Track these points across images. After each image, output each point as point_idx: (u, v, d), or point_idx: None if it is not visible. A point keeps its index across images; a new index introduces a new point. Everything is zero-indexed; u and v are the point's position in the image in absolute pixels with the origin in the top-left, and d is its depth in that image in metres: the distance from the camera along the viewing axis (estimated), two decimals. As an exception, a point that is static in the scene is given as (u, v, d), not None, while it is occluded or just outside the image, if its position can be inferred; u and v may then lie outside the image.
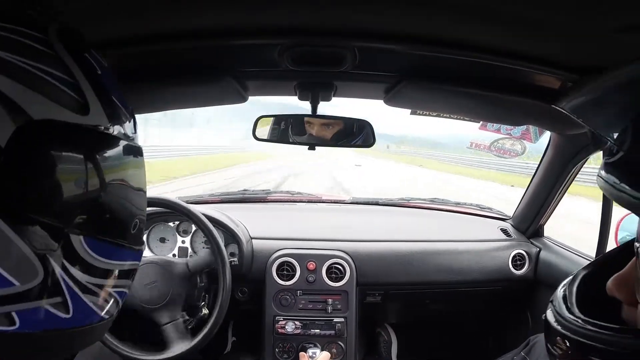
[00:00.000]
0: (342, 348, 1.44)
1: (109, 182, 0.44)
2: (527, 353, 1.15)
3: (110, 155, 0.44)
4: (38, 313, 0.40)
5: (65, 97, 0.41)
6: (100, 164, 0.43)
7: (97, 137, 0.44)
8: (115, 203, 0.45)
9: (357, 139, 1.11)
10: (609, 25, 0.59)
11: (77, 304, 0.42)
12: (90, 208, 0.42)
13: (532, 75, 0.85)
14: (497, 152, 1.95)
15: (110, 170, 0.44)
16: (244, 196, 1.96)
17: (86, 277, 0.42)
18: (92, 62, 0.45)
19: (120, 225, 0.46)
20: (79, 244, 0.41)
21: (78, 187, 0.41)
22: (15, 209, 0.37)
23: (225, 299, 1.23)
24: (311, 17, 0.71)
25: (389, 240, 1.58)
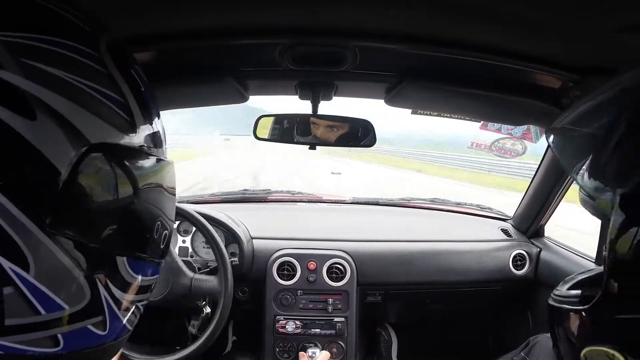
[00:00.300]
0: (343, 348, 1.44)
1: (150, 204, 0.44)
2: (527, 353, 1.15)
3: (151, 176, 0.44)
4: (80, 333, 0.40)
5: (117, 118, 0.40)
6: (143, 186, 0.42)
7: (143, 156, 0.43)
8: (153, 221, 0.45)
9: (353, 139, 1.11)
10: (609, 25, 0.59)
11: (112, 321, 0.43)
12: (135, 230, 0.43)
13: (533, 75, 0.85)
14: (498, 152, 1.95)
15: (151, 191, 0.44)
16: (244, 196, 1.96)
17: (124, 294, 0.43)
18: (137, 79, 0.44)
19: (156, 244, 0.47)
20: (123, 266, 0.42)
21: (123, 210, 0.41)
22: (71, 235, 0.37)
23: (227, 300, 1.23)
24: (312, 17, 0.72)
25: (390, 240, 1.58)
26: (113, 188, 0.39)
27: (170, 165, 0.48)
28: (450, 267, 1.54)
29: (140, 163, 0.42)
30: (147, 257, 0.45)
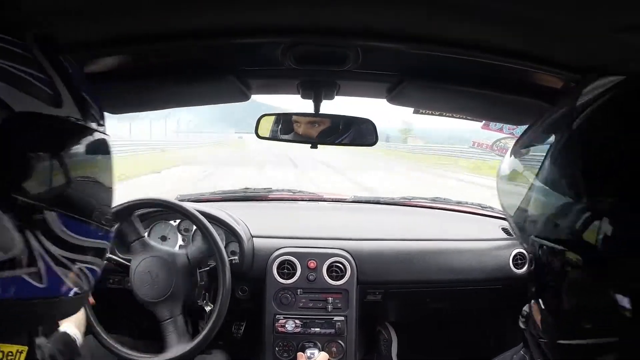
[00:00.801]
0: (342, 347, 1.44)
1: (79, 165, 0.51)
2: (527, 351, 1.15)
3: (81, 142, 0.52)
4: (15, 282, 0.45)
5: (42, 93, 0.47)
6: (72, 149, 0.50)
7: (69, 127, 0.50)
8: (85, 184, 0.52)
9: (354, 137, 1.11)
10: (610, 24, 0.59)
11: (50, 275, 0.48)
12: (64, 188, 0.49)
13: (534, 75, 0.85)
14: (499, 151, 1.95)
15: (80, 153, 0.52)
16: (245, 194, 1.96)
17: (59, 250, 0.48)
18: (64, 63, 0.52)
19: (88, 205, 0.52)
20: (54, 221, 0.47)
21: (53, 169, 0.48)
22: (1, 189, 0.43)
23: (225, 298, 1.23)
24: (314, 16, 0.72)
25: (390, 239, 1.58)
26: (37, 146, 0.47)
27: (104, 138, 0.55)
28: (451, 266, 1.54)
29: (66, 129, 0.50)
30: (79, 216, 0.51)
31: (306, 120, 1.11)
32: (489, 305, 1.79)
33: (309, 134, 1.11)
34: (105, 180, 0.56)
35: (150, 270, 1.25)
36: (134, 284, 1.24)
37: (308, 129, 1.11)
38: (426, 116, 1.44)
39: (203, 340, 1.22)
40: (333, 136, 1.11)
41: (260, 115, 1.13)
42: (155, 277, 1.24)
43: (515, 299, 1.66)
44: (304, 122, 1.11)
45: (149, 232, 1.52)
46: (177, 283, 1.24)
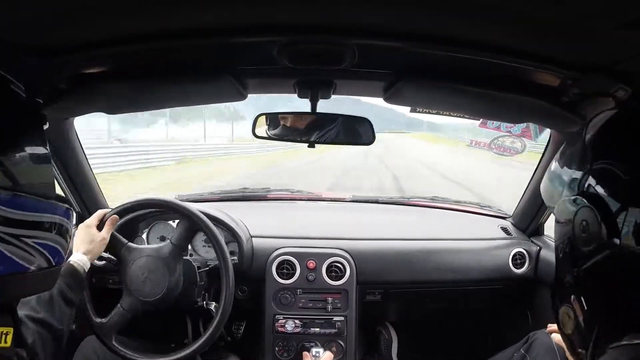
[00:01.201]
0: (342, 347, 1.44)
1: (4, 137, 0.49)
2: (527, 350, 1.15)
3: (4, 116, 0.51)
4: None
5: None
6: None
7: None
8: (12, 157, 0.50)
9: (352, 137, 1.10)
10: (609, 22, 0.58)
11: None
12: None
13: (532, 73, 0.84)
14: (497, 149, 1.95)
15: (6, 127, 0.50)
16: (244, 194, 1.96)
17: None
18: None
19: (22, 177, 0.50)
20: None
21: None
22: None
23: (228, 298, 1.23)
24: (310, 15, 0.71)
25: (389, 238, 1.58)
26: None
27: (32, 111, 0.56)
28: (450, 266, 1.54)
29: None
30: (10, 190, 0.48)
31: (312, 118, 1.09)
32: (489, 304, 1.78)
33: (297, 126, 1.10)
34: (38, 152, 0.53)
35: (141, 271, 1.24)
36: (133, 290, 1.23)
37: (296, 121, 1.10)
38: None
39: (206, 341, 1.22)
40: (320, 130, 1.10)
41: (257, 115, 1.12)
42: (148, 274, 1.23)
43: (514, 299, 1.67)
44: (291, 115, 1.10)
45: (148, 232, 1.51)
46: (171, 275, 1.23)
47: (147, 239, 1.51)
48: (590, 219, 0.49)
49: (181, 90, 1.05)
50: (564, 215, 0.55)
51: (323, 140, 1.10)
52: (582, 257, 0.50)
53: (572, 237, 0.52)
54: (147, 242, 1.51)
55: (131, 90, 1.02)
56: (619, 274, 0.47)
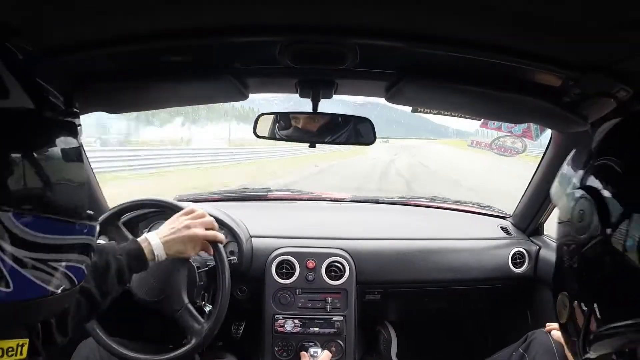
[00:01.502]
0: (342, 346, 1.44)
1: (37, 157, 0.46)
2: (526, 349, 1.16)
3: (36, 133, 0.47)
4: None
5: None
6: (27, 140, 0.45)
7: (21, 118, 0.46)
8: (46, 179, 0.47)
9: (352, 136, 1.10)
10: (609, 22, 0.58)
11: (17, 279, 0.44)
12: (17, 185, 0.44)
13: (533, 73, 0.85)
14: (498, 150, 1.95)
15: (38, 145, 0.46)
16: (243, 194, 1.95)
17: (22, 252, 0.44)
18: (13, 49, 0.47)
19: (54, 199, 0.48)
20: (10, 221, 0.43)
21: (4, 166, 0.43)
22: None
23: (224, 298, 1.23)
24: (312, 15, 0.71)
25: (389, 238, 1.58)
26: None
27: (68, 123, 0.50)
28: (450, 265, 1.54)
29: (17, 121, 0.45)
30: (41, 214, 0.46)
31: (306, 115, 1.10)
32: (488, 304, 1.79)
33: (308, 128, 1.10)
34: (74, 171, 0.51)
35: (151, 272, 1.23)
36: (132, 288, 1.23)
37: (308, 123, 1.10)
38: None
39: (200, 343, 1.21)
40: (332, 135, 1.11)
41: (258, 115, 1.12)
42: (152, 276, 1.23)
43: (514, 298, 1.67)
44: (303, 117, 1.11)
45: (148, 232, 1.50)
46: (174, 277, 1.23)
47: None
48: (586, 208, 0.52)
49: (182, 90, 1.05)
50: (565, 209, 0.57)
51: (324, 140, 1.10)
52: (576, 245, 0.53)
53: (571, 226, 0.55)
54: None
55: (131, 90, 1.02)
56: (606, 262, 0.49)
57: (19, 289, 0.45)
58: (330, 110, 1.07)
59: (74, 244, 0.51)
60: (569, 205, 0.56)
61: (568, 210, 0.56)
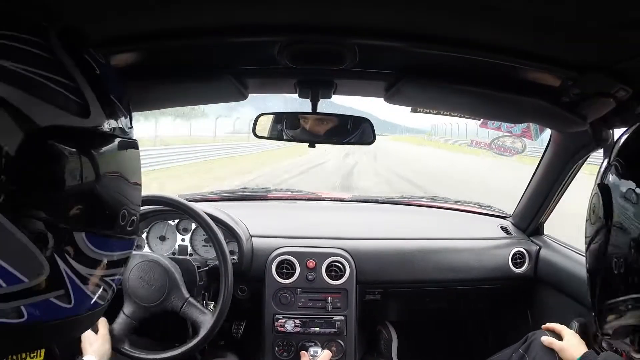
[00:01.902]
0: (342, 346, 1.44)
1: (107, 179, 0.46)
2: (526, 350, 1.16)
3: (107, 153, 0.46)
4: (44, 305, 0.43)
5: (67, 102, 0.42)
6: (98, 162, 0.45)
7: (98, 137, 0.45)
8: (113, 199, 0.47)
9: (352, 136, 1.10)
10: (608, 22, 0.59)
11: (77, 294, 0.45)
12: (92, 206, 0.45)
13: (532, 73, 0.85)
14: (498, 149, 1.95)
15: (107, 166, 0.46)
16: (243, 194, 1.96)
17: (86, 269, 0.45)
18: (91, 62, 0.46)
19: (117, 219, 0.48)
20: (81, 240, 0.44)
21: (81, 188, 0.43)
22: (25, 212, 0.40)
23: (227, 297, 1.23)
24: (311, 15, 0.71)
25: (389, 238, 1.58)
26: (64, 165, 0.42)
27: (132, 143, 0.50)
28: (450, 265, 1.54)
29: (93, 141, 0.45)
30: (109, 233, 0.47)
31: (314, 118, 1.10)
32: (489, 304, 1.79)
33: (316, 130, 1.10)
34: (134, 190, 0.51)
35: (138, 274, 1.24)
36: (133, 296, 1.23)
37: (316, 125, 1.10)
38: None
39: (203, 339, 1.22)
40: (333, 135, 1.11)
41: (258, 115, 1.12)
42: (146, 282, 1.23)
43: (514, 298, 1.67)
44: (312, 119, 1.10)
45: (148, 232, 1.51)
46: (170, 275, 1.23)
47: (146, 238, 1.51)
48: (596, 202, 0.58)
49: (181, 90, 1.05)
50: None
51: (324, 140, 1.10)
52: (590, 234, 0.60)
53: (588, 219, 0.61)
54: (147, 241, 1.50)
55: (132, 90, 1.02)
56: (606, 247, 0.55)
57: (77, 303, 0.46)
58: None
59: (125, 258, 0.52)
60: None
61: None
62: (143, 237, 1.51)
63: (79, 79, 0.43)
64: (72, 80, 0.43)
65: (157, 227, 1.52)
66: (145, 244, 1.50)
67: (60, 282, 0.43)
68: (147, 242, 1.51)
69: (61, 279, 0.43)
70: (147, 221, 1.51)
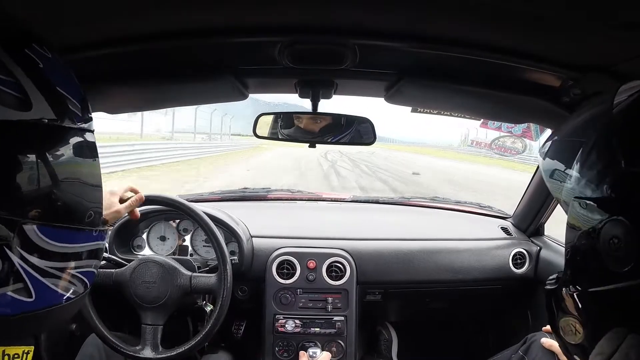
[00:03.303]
0: (342, 347, 1.44)
1: (58, 171, 0.46)
2: (525, 352, 1.15)
3: (57, 145, 0.47)
4: (3, 300, 0.43)
5: (5, 97, 0.42)
6: (47, 155, 0.45)
7: (43, 129, 0.46)
8: (66, 190, 0.47)
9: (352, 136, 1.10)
10: (609, 22, 0.59)
11: (39, 288, 0.45)
12: (42, 198, 0.45)
13: (533, 73, 0.85)
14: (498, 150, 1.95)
15: (58, 158, 0.47)
16: (244, 194, 1.96)
17: (44, 262, 0.45)
18: (34, 57, 0.46)
19: (73, 211, 0.48)
20: (34, 233, 0.44)
21: (27, 179, 0.44)
22: None
23: (226, 296, 1.23)
24: (311, 15, 0.71)
25: (389, 238, 1.58)
26: (5, 157, 0.42)
27: (84, 132, 0.50)
28: (450, 266, 1.54)
29: (38, 134, 0.45)
30: (63, 224, 0.47)
31: (309, 117, 1.10)
32: (489, 305, 1.78)
33: (311, 129, 1.10)
34: (91, 179, 0.51)
35: (150, 275, 1.24)
36: (131, 280, 1.23)
37: (310, 124, 1.10)
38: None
39: (203, 338, 1.22)
40: (333, 135, 1.11)
41: (258, 115, 1.12)
42: (151, 283, 1.23)
43: (514, 299, 1.67)
44: (306, 117, 1.11)
45: (148, 232, 1.51)
46: (169, 299, 1.23)
47: (147, 239, 1.51)
48: (622, 234, 0.41)
49: (182, 90, 1.05)
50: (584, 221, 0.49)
51: (324, 140, 1.10)
52: (610, 276, 0.44)
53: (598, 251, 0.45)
54: (147, 242, 1.51)
55: (132, 90, 1.03)
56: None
57: (39, 297, 0.46)
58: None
59: (90, 250, 0.51)
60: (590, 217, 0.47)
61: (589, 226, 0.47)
62: (143, 237, 1.51)
63: (17, 74, 0.43)
64: (10, 75, 0.43)
65: (157, 228, 1.52)
66: (146, 244, 1.51)
67: (16, 275, 0.43)
68: (148, 243, 1.51)
69: (17, 273, 0.43)
70: (148, 221, 1.51)
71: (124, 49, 0.79)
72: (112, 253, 1.38)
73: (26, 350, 0.51)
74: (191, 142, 15.46)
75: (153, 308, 1.23)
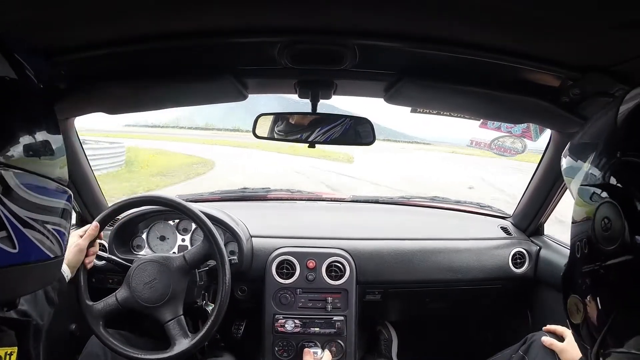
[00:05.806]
0: (342, 347, 1.44)
1: (25, 121, 0.51)
2: (526, 351, 1.15)
3: (22, 98, 0.51)
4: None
5: None
6: (14, 106, 0.49)
7: (7, 85, 0.50)
8: (33, 141, 0.51)
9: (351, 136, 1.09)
10: (608, 22, 0.59)
11: (21, 239, 0.48)
12: (13, 145, 0.48)
13: (532, 74, 0.85)
14: (498, 150, 1.95)
15: (24, 110, 0.51)
16: (243, 194, 1.95)
17: (24, 211, 0.48)
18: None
19: (43, 162, 0.52)
20: (12, 179, 0.46)
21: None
22: None
23: (224, 297, 1.23)
24: (311, 16, 0.71)
25: (389, 238, 1.58)
26: None
27: (45, 94, 0.56)
28: (450, 266, 1.54)
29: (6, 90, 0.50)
30: (36, 172, 0.50)
31: (305, 117, 1.09)
32: (488, 304, 1.79)
33: (300, 123, 1.10)
34: (53, 137, 0.54)
35: (147, 275, 1.24)
36: (133, 288, 1.23)
37: (308, 124, 1.10)
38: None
39: (202, 338, 1.22)
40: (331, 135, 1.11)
41: (258, 115, 1.12)
42: (153, 281, 1.23)
43: (514, 298, 1.67)
44: (303, 118, 1.09)
45: (148, 232, 1.51)
46: (174, 287, 1.23)
47: (146, 239, 1.51)
48: (612, 215, 0.45)
49: (182, 90, 1.05)
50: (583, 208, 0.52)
51: (324, 140, 1.10)
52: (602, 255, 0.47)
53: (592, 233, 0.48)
54: (147, 242, 1.51)
55: (132, 91, 1.03)
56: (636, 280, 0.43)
57: (23, 250, 0.48)
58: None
59: (61, 209, 0.54)
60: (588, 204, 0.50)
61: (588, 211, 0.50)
62: (143, 237, 1.51)
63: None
64: None
65: (157, 227, 1.52)
66: (146, 244, 1.50)
67: (0, 222, 0.45)
68: (147, 242, 1.51)
69: (0, 220, 0.45)
70: (147, 221, 1.51)
71: (124, 49, 0.79)
72: (112, 253, 1.38)
73: (9, 351, 0.52)
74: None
75: (165, 303, 1.23)
